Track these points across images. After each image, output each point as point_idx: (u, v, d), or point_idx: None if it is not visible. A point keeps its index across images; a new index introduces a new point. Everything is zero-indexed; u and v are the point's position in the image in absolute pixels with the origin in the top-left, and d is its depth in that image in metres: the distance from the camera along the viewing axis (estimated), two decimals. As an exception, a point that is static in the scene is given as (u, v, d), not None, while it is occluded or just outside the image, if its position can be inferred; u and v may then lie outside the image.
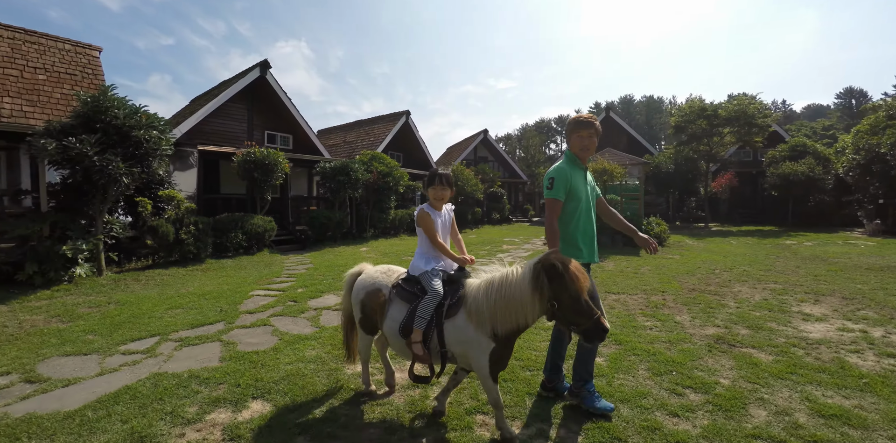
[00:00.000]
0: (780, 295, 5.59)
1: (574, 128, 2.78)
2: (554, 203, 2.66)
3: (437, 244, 2.56)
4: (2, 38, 9.21)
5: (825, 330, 4.15)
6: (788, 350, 3.60)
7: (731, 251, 10.03)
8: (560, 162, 2.83)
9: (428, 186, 2.68)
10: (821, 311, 4.82)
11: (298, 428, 2.46)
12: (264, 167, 9.73)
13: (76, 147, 6.00)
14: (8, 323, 4.59)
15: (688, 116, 18.14)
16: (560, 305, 2.05)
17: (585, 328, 2.03)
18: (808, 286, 6.08)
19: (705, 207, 19.62)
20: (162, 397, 2.86)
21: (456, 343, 2.29)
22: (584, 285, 2.04)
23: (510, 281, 2.14)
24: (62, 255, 6.22)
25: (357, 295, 2.75)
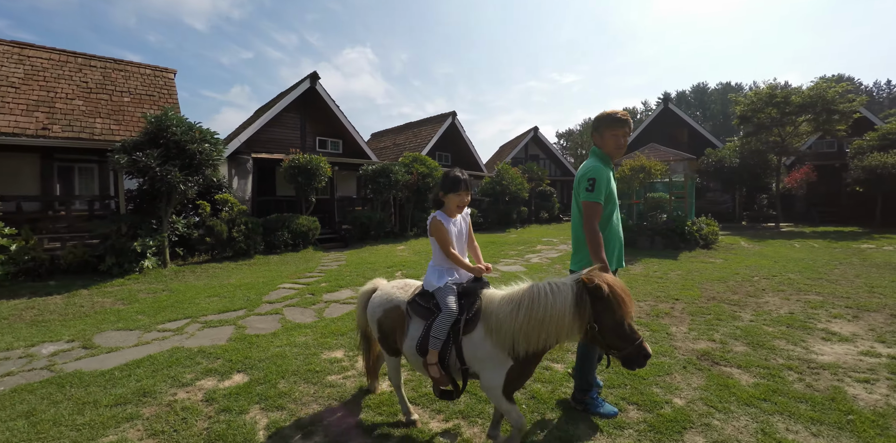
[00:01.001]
0: (813, 308, 5.00)
1: (610, 125, 2.62)
2: (595, 207, 2.47)
3: (450, 256, 2.37)
4: (96, 68, 11.03)
5: (843, 353, 3.65)
6: (779, 373, 3.24)
7: (787, 255, 9.16)
8: (592, 160, 2.67)
9: (449, 192, 2.40)
10: (852, 329, 4.24)
11: (258, 397, 3.00)
12: (307, 172, 10.71)
13: (142, 160, 7.19)
14: (84, 304, 5.73)
15: (754, 105, 16.72)
16: (601, 328, 1.92)
17: (626, 353, 1.91)
18: (854, 299, 5.34)
19: (776, 204, 17.98)
20: (171, 365, 3.57)
21: (475, 360, 2.17)
22: (631, 308, 1.92)
23: (543, 299, 1.97)
24: (133, 250, 7.47)
25: (374, 313, 2.59)
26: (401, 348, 2.45)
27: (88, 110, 9.77)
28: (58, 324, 4.87)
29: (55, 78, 10.10)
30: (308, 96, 14.15)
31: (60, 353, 3.95)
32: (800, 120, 16.44)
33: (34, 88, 9.48)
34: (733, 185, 18.89)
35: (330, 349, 3.90)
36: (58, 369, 3.54)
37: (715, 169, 18.40)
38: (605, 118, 2.65)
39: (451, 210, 2.47)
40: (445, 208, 2.47)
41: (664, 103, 21.95)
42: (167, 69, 12.64)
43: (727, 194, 19.83)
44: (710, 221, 12.25)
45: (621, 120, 2.61)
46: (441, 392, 2.32)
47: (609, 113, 2.66)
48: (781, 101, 16.15)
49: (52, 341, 4.25)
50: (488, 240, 13.35)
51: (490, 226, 18.19)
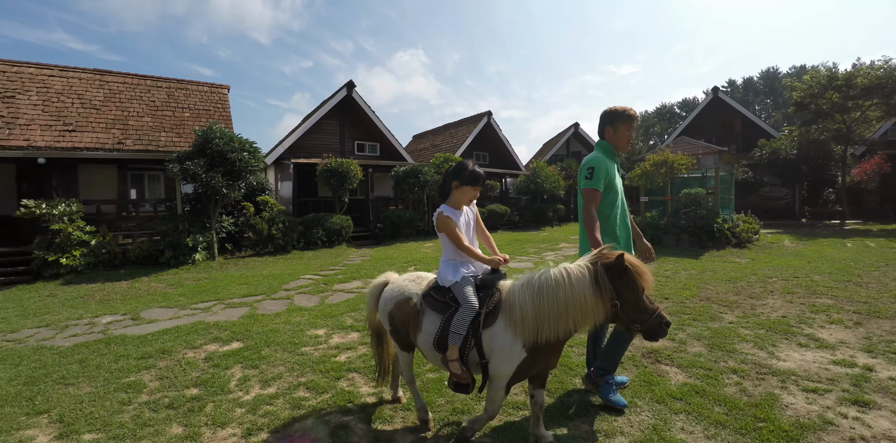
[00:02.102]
0: (814, 312, 4.69)
1: (626, 120, 2.76)
2: (593, 193, 2.62)
3: (463, 248, 2.32)
4: (162, 88, 12.79)
5: (811, 360, 3.41)
6: (718, 376, 3.13)
7: (828, 256, 8.46)
8: (596, 152, 2.81)
9: (466, 184, 2.35)
10: (842, 337, 3.94)
11: (242, 359, 3.77)
12: (338, 175, 11.74)
13: (191, 168, 8.46)
14: (142, 288, 6.98)
15: (811, 90, 15.57)
16: (623, 305, 1.95)
17: (648, 325, 1.94)
18: (872, 305, 4.91)
19: (842, 199, 16.57)
20: (190, 334, 4.49)
21: (492, 352, 2.14)
22: (650, 280, 1.97)
23: (563, 284, 1.95)
24: (186, 245, 8.79)
25: (385, 306, 2.56)
26: (415, 342, 2.41)
27: (155, 125, 11.43)
28: (118, 302, 6.08)
29: (128, 99, 11.89)
30: (346, 104, 15.28)
31: (114, 322, 5.05)
32: (867, 104, 15.11)
33: (111, 109, 11.27)
34: (792, 178, 17.63)
35: (316, 328, 4.64)
36: (109, 333, 4.59)
37: (769, 161, 17.29)
38: (622, 114, 2.77)
39: (458, 203, 2.42)
40: (451, 201, 2.41)
41: (713, 93, 20.80)
42: (221, 86, 14.28)
43: (786, 189, 18.52)
44: (749, 218, 11.77)
45: (634, 117, 2.77)
46: (456, 385, 2.27)
47: (623, 109, 2.79)
48: (843, 85, 14.92)
49: (111, 314, 5.40)
50: (514, 238, 13.70)
51: (526, 224, 18.42)
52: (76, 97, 11.09)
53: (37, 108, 10.17)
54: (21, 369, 3.69)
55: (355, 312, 5.12)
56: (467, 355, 2.17)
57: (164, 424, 2.69)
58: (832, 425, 2.48)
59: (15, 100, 10.12)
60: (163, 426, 2.66)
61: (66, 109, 10.58)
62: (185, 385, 3.26)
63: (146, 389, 3.23)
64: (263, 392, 3.10)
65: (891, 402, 2.73)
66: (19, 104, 10.07)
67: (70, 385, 3.33)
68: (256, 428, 2.60)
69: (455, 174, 2.38)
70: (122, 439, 2.54)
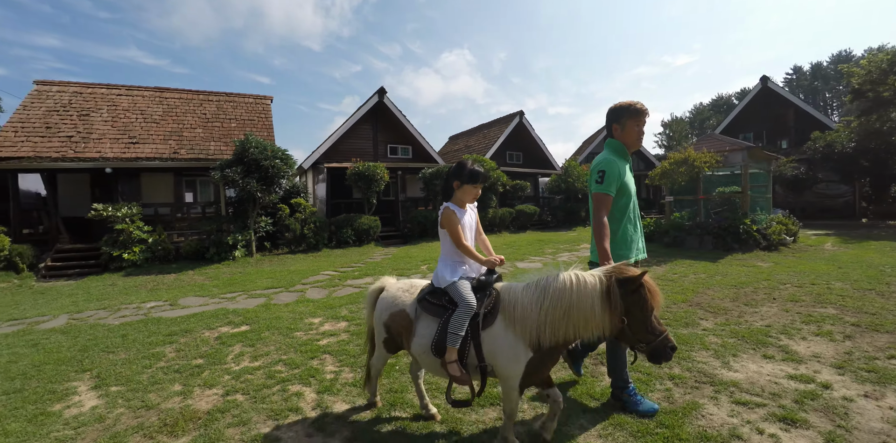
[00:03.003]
0: (805, 323, 4.43)
1: (633, 115, 2.63)
2: (604, 198, 2.52)
3: (462, 247, 2.37)
4: (212, 101, 14.28)
5: (766, 373, 3.24)
6: (651, 381, 3.13)
7: (866, 261, 7.74)
8: (606, 152, 2.69)
9: (466, 183, 2.42)
10: (818, 350, 3.71)
11: (244, 338, 4.53)
12: (365, 178, 12.60)
13: (230, 175, 9.58)
14: (185, 280, 8.11)
15: (871, 75, 14.46)
16: (630, 322, 1.94)
17: (653, 347, 1.94)
18: (879, 317, 4.53)
19: (914, 196, 15.26)
20: (211, 318, 5.36)
21: (493, 355, 2.14)
22: (661, 301, 1.97)
23: (571, 289, 1.97)
24: (226, 243, 9.95)
25: (380, 316, 2.63)
26: (408, 350, 2.47)
27: (205, 136, 12.86)
28: (163, 291, 7.18)
29: (183, 112, 13.43)
30: (378, 109, 16.18)
31: (155, 307, 6.07)
32: None
33: (169, 122, 12.81)
34: (851, 174, 16.40)
35: (314, 317, 5.34)
36: (149, 315, 5.58)
37: (823, 156, 16.19)
38: (629, 108, 2.64)
39: (462, 201, 2.48)
40: (456, 199, 2.47)
41: (761, 82, 19.63)
42: (265, 97, 15.66)
43: (846, 186, 17.24)
44: (785, 218, 11.26)
45: (642, 110, 2.63)
46: (454, 401, 2.27)
47: (630, 103, 2.66)
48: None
49: (155, 301, 6.46)
50: (538, 238, 13.94)
51: (559, 224, 18.48)
52: (139, 113, 12.73)
53: (107, 124, 11.83)
54: (78, 339, 4.69)
55: (353, 305, 5.80)
56: (466, 358, 2.17)
57: (169, 383, 3.47)
58: (739, 440, 2.38)
59: (90, 117, 11.83)
60: (168, 385, 3.43)
61: (130, 124, 12.20)
62: (193, 357, 4.06)
63: (164, 358, 4.06)
64: (250, 365, 3.82)
65: (825, 423, 2.54)
66: (93, 121, 11.77)
67: (110, 353, 4.24)
68: (234, 390, 3.30)
69: (455, 174, 2.46)
70: (136, 391, 3.33)
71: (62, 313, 5.96)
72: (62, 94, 12.34)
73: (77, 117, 11.71)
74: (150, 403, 3.12)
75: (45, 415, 3.00)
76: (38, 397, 3.30)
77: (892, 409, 2.68)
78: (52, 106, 11.80)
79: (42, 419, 2.93)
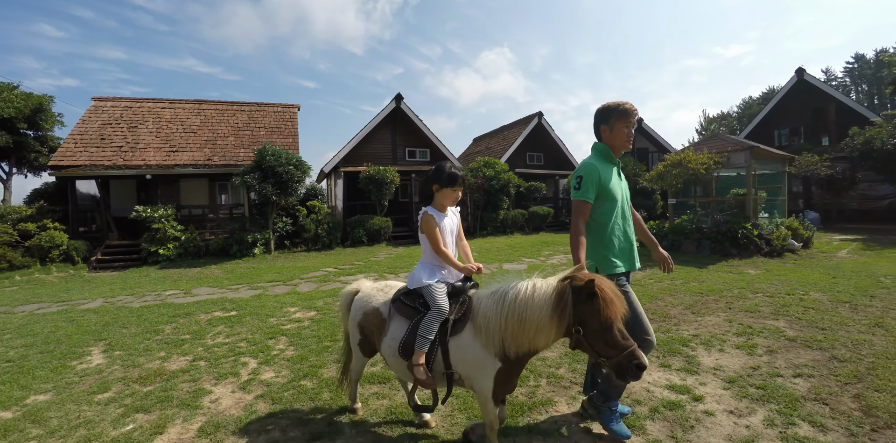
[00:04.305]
0: (735, 335, 4.40)
1: (621, 116, 2.57)
2: (582, 205, 2.48)
3: (440, 252, 2.38)
4: (244, 111, 15.89)
5: (650, 381, 3.37)
6: None
7: (869, 271, 7.48)
8: (590, 158, 2.65)
9: (445, 186, 2.43)
10: (724, 363, 3.70)
11: (228, 321, 5.62)
12: (376, 181, 13.66)
13: (249, 181, 10.92)
14: (206, 273, 9.46)
15: None
16: (586, 333, 1.88)
17: (616, 362, 1.84)
18: (824, 333, 4.39)
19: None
20: (210, 304, 6.52)
21: (462, 363, 2.15)
22: (619, 311, 1.86)
23: (526, 297, 1.96)
24: (247, 241, 11.31)
25: (355, 317, 2.67)
26: (379, 349, 2.49)
27: (236, 144, 14.42)
28: (184, 282, 8.53)
29: (218, 122, 15.09)
30: (396, 114, 17.22)
31: (172, 295, 7.35)
32: None
33: (205, 132, 14.48)
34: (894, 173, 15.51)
35: (293, 306, 6.34)
36: (164, 301, 6.84)
37: (861, 154, 15.43)
38: (617, 109, 2.59)
39: (442, 205, 2.50)
40: (436, 203, 2.50)
41: (798, 75, 18.73)
42: (292, 105, 17.14)
43: (891, 186, 16.31)
44: (796, 222, 11.08)
45: (631, 110, 2.56)
46: (416, 405, 2.29)
47: (618, 103, 2.61)
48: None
49: (174, 290, 7.77)
50: (543, 240, 14.43)
51: (578, 225, 18.71)
52: (180, 124, 14.49)
53: (151, 135, 13.63)
54: (105, 317, 5.97)
55: (330, 298, 6.75)
56: (433, 363, 2.19)
57: (157, 351, 4.55)
58: (559, 435, 2.64)
59: (137, 129, 13.68)
60: (155, 352, 4.52)
61: (172, 134, 13.95)
62: (183, 333, 5.16)
63: (162, 333, 5.19)
64: (221, 341, 4.85)
65: (660, 432, 2.65)
66: (139, 132, 13.60)
67: (125, 328, 5.44)
68: (199, 358, 4.30)
69: (434, 178, 2.47)
70: (131, 355, 4.43)
71: (99, 298, 7.37)
72: (115, 109, 14.31)
73: (126, 129, 13.59)
74: (138, 363, 4.20)
75: (63, 367, 4.15)
76: (63, 355, 4.49)
77: (747, 427, 2.66)
78: (106, 119, 13.76)
79: (60, 370, 4.08)
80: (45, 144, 15.30)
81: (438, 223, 2.43)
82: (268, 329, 5.20)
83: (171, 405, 3.24)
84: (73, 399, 3.43)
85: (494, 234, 16.07)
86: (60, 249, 10.39)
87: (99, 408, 3.26)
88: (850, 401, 2.98)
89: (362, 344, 2.68)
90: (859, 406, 2.90)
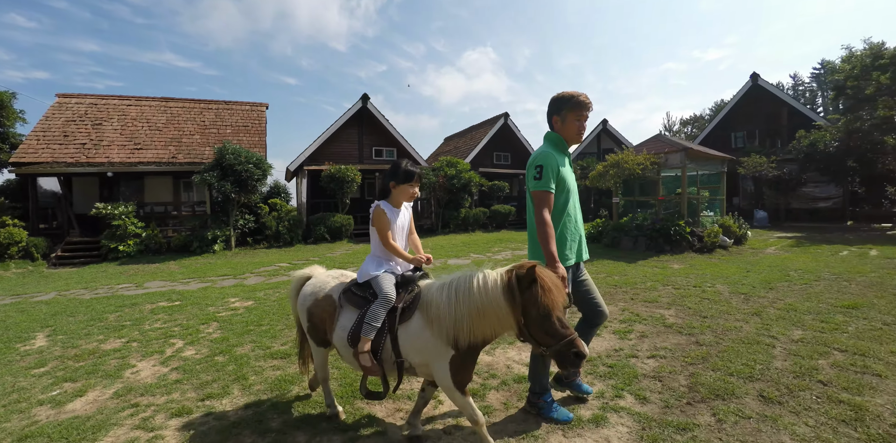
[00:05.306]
0: (621, 323, 4.77)
1: (574, 107, 2.55)
2: (545, 195, 2.43)
3: (388, 246, 2.43)
4: (211, 109, 16.31)
5: (512, 359, 3.76)
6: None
7: (782, 266, 8.04)
8: (544, 146, 2.62)
9: (402, 183, 2.48)
10: (593, 345, 4.00)
11: (170, 310, 6.22)
12: (336, 180, 14.25)
13: (207, 179, 11.44)
14: (162, 268, 9.99)
15: (853, 71, 14.68)
16: (527, 321, 1.94)
17: (556, 350, 1.89)
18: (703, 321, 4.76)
19: (900, 198, 15.41)
20: (158, 296, 7.07)
21: (413, 351, 2.20)
22: (558, 300, 1.90)
23: (479, 287, 2.01)
24: (206, 237, 11.84)
25: (304, 302, 2.66)
26: (331, 340, 2.50)
27: (202, 142, 14.87)
28: (139, 276, 9.06)
29: (185, 120, 15.51)
30: (363, 114, 17.80)
31: (123, 288, 7.90)
32: None
33: (171, 129, 14.90)
34: (840, 175, 16.58)
35: (234, 297, 6.92)
36: (115, 293, 7.39)
37: (806, 156, 16.46)
38: (571, 100, 2.56)
39: (397, 201, 2.54)
40: (392, 199, 2.54)
41: (752, 80, 19.78)
42: (260, 104, 17.59)
43: (834, 186, 17.39)
44: (730, 220, 11.95)
45: (585, 103, 2.55)
46: (368, 392, 2.34)
47: (572, 94, 2.58)
48: (888, 63, 13.86)
49: (127, 283, 8.31)
50: (499, 237, 15.17)
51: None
52: (145, 121, 14.89)
53: (116, 132, 14.02)
54: (55, 308, 6.51)
55: (271, 290, 7.35)
56: (381, 350, 2.24)
57: (97, 335, 5.13)
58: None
59: (101, 126, 14.06)
60: (95, 336, 5.10)
61: (137, 132, 14.35)
62: (125, 320, 5.75)
63: (105, 321, 5.76)
64: (158, 326, 5.44)
65: (483, 401, 2.99)
66: (104, 129, 13.99)
67: (71, 316, 6.00)
68: (133, 340, 4.90)
69: (391, 174, 2.53)
70: (72, 338, 5.01)
71: (53, 291, 7.89)
72: (79, 106, 14.65)
73: (91, 126, 13.96)
74: (76, 345, 4.80)
75: (7, 349, 4.72)
76: (9, 339, 5.05)
77: (577, 398, 3.01)
78: (70, 116, 14.11)
79: (4, 351, 4.66)
80: (5, 140, 15.53)
81: (390, 218, 2.48)
82: (203, 316, 5.81)
83: (96, 376, 3.86)
84: (12, 373, 4.03)
85: (456, 231, 16.76)
86: (20, 246, 10.81)
87: (33, 379, 3.87)
88: (684, 378, 3.32)
89: (311, 332, 2.68)
90: (689, 383, 3.23)
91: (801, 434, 2.51)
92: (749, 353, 3.78)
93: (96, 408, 3.22)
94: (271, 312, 5.76)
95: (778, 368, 3.46)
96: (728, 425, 2.63)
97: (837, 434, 2.50)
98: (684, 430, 2.59)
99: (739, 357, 3.68)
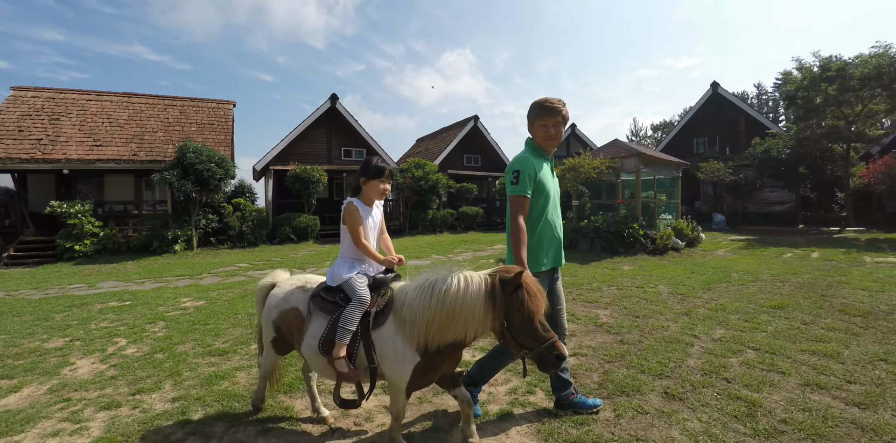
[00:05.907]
0: None
1: (539, 114, 2.57)
2: (521, 200, 2.47)
3: (360, 245, 2.40)
4: (176, 106, 16.22)
5: None
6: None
7: (728, 268, 8.35)
8: (523, 152, 2.66)
9: (372, 178, 2.45)
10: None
11: (120, 310, 6.35)
12: (302, 180, 14.40)
13: (168, 177, 11.47)
14: (120, 268, 10.02)
15: (802, 82, 15.53)
16: (510, 325, 1.98)
17: (538, 353, 1.95)
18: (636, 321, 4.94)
19: (847, 204, 16.36)
20: (109, 296, 7.16)
21: (382, 356, 2.19)
22: (541, 306, 1.97)
23: (458, 290, 2.02)
24: (167, 237, 11.86)
25: (269, 314, 2.63)
26: (299, 350, 2.47)
27: (165, 139, 14.79)
28: (93, 276, 9.09)
29: (148, 117, 15.39)
30: (332, 114, 17.93)
31: (75, 288, 7.95)
32: (868, 96, 14.58)
33: (133, 126, 14.77)
34: (792, 181, 17.51)
35: (187, 297, 7.05)
36: (66, 293, 7.45)
37: (760, 162, 17.35)
38: (534, 107, 2.60)
39: (369, 198, 2.52)
40: (363, 196, 2.51)
41: (713, 89, 20.72)
42: (227, 101, 17.55)
43: (789, 192, 18.36)
44: (683, 222, 12.57)
45: (550, 109, 2.55)
46: (342, 401, 2.31)
47: (539, 101, 2.60)
48: (836, 75, 14.70)
49: (79, 283, 8.36)
50: (464, 239, 15.55)
51: (511, 224, 19.97)
52: (106, 117, 14.73)
53: (74, 128, 13.85)
54: (2, 307, 6.57)
55: (224, 290, 7.51)
56: (355, 358, 2.21)
57: (41, 334, 5.26)
58: None
59: (59, 121, 13.87)
60: (39, 335, 5.23)
61: (97, 128, 14.20)
62: (72, 320, 5.86)
63: (51, 320, 5.86)
64: (104, 326, 5.59)
65: None
66: (62, 125, 13.80)
67: (17, 316, 6.08)
68: (77, 339, 5.04)
69: (362, 171, 2.50)
70: (15, 337, 5.12)
71: (1, 292, 7.89)
72: (36, 100, 14.41)
73: (48, 121, 13.76)
74: (19, 344, 4.93)
75: (-53, 348, 4.84)
76: (-51, 339, 5.15)
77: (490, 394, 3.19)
78: (26, 110, 13.87)
79: (-56, 350, 4.78)
80: (-41, 134, 15.15)
81: (362, 215, 2.45)
82: (152, 316, 5.96)
83: (33, 374, 4.03)
84: (-52, 371, 4.16)
85: (424, 233, 17.08)
86: (-31, 244, 10.67)
87: (-30, 377, 4.02)
88: (597, 375, 3.49)
89: (276, 342, 2.67)
90: (601, 380, 3.39)
91: (691, 429, 2.63)
92: (667, 351, 3.96)
93: (29, 403, 3.41)
94: (220, 312, 5.97)
95: (690, 365, 3.64)
96: (625, 421, 2.77)
97: (726, 430, 2.62)
98: (581, 424, 2.74)
99: (656, 355, 3.86)
